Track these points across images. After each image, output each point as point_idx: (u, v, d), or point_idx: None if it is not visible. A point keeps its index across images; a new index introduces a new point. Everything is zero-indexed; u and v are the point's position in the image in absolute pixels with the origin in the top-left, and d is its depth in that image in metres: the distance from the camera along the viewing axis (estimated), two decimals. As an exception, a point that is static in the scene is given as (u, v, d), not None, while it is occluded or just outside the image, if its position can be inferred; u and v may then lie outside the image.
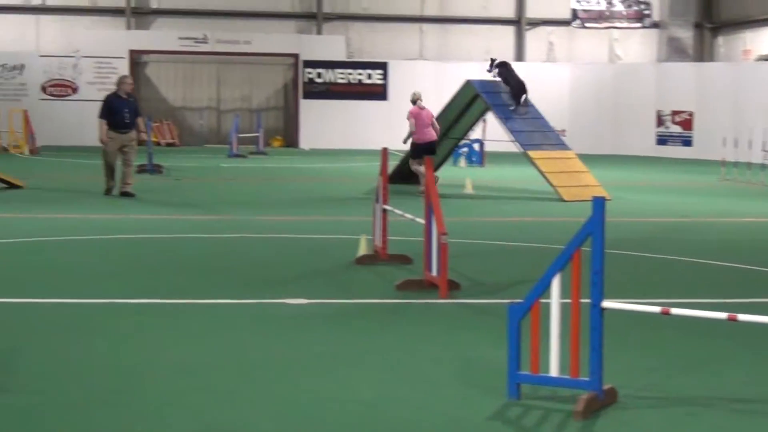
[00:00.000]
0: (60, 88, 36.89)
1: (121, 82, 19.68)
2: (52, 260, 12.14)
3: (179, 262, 12.06)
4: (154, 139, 29.53)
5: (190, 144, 38.26)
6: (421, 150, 19.86)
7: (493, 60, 22.18)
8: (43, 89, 36.81)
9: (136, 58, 38.09)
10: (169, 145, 37.10)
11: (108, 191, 19.17)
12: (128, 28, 38.18)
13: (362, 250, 11.92)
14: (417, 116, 20.40)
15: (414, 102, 20.74)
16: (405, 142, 20.82)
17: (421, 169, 19.02)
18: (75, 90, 36.88)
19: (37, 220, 15.81)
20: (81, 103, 36.54)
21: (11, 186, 20.26)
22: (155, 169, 24.52)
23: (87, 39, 37.32)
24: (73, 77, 36.87)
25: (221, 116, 39.61)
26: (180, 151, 34.84)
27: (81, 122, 36.32)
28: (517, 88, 21.60)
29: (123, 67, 36.76)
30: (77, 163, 28.27)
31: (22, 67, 36.63)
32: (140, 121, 19.70)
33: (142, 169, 24.56)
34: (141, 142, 20.24)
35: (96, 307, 9.42)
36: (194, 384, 6.93)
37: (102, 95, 36.20)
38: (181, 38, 37.50)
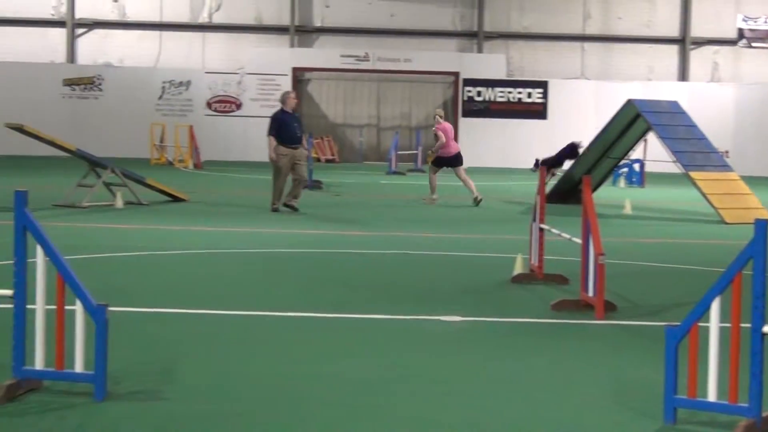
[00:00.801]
0: (224, 104, 37.75)
1: (286, 97, 19.95)
2: (214, 272, 12.43)
3: (337, 277, 12.20)
4: (314, 155, 29.98)
5: (350, 160, 38.70)
6: (444, 161, 22.09)
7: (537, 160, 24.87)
8: (208, 105, 37.72)
9: (299, 75, 38.74)
10: (329, 161, 37.59)
11: (275, 209, 19.43)
12: (292, 45, 38.86)
13: (518, 268, 11.88)
14: (445, 131, 22.02)
15: (441, 118, 22.52)
16: (434, 152, 22.42)
17: (435, 179, 22.17)
18: (239, 106, 37.69)
19: (200, 233, 16.21)
20: (244, 119, 37.36)
21: (176, 199, 20.82)
22: (315, 185, 24.87)
23: (251, 56, 38.11)
24: (237, 93, 37.70)
25: (381, 133, 39.96)
26: (339, 167, 35.26)
27: (244, 137, 37.15)
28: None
29: (286, 84, 37.47)
30: (240, 177, 28.87)
31: (188, 83, 37.62)
32: (303, 137, 20.02)
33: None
34: None
35: (257, 319, 9.61)
36: (346, 398, 7.00)
37: (265, 111, 37.21)
38: (342, 56, 38.00)
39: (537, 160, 24.46)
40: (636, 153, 26.77)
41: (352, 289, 11.40)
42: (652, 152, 28.76)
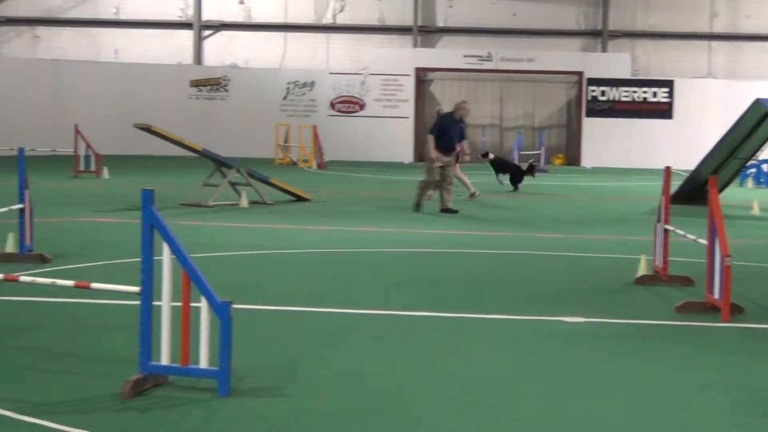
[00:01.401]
0: (347, 105, 37.98)
1: (460, 107, 19.98)
2: (337, 271, 12.52)
3: (461, 277, 12.20)
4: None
5: (472, 161, 38.57)
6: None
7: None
8: (332, 105, 38.00)
9: (422, 76, 38.78)
10: (451, 161, 37.52)
11: (418, 207, 19.39)
12: (415, 45, 38.93)
13: (642, 270, 11.73)
14: None
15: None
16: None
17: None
18: (362, 106, 37.89)
19: (323, 232, 16.34)
20: (367, 120, 37.53)
21: (300, 199, 21.03)
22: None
23: (375, 57, 38.27)
24: (361, 94, 37.89)
25: (503, 133, 39.79)
26: (462, 167, 35.15)
27: (367, 138, 37.31)
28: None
29: (409, 85, 37.54)
30: (363, 177, 29.03)
31: (312, 84, 37.95)
32: (465, 144, 19.93)
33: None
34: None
35: (381, 318, 9.66)
36: (466, 398, 7.00)
37: (388, 112, 37.40)
38: (465, 56, 37.93)
39: (487, 153, 24.37)
40: (764, 153, 26.17)
41: (474, 288, 11.39)
42: (781, 152, 28.09)
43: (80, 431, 6.05)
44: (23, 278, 7.82)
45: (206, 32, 39.52)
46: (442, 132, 19.34)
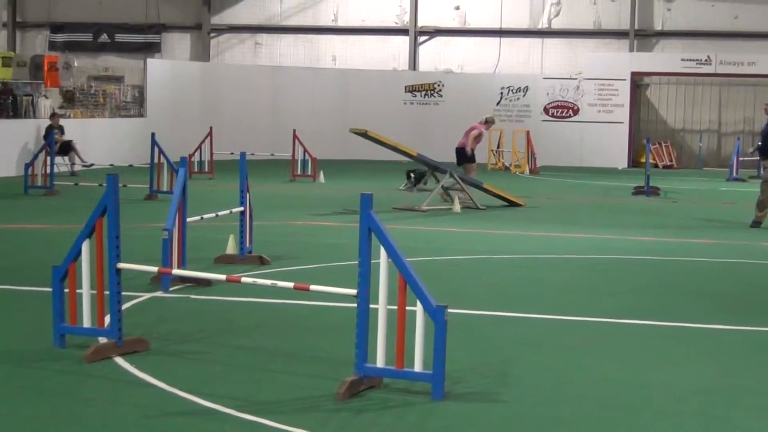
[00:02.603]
0: (561, 110, 37.66)
1: None
2: (548, 277, 12.45)
3: (672, 285, 11.96)
4: (652, 161, 29.45)
5: (688, 166, 37.74)
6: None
7: None
8: (545, 110, 37.76)
9: (638, 80, 38.13)
10: (666, 167, 36.81)
11: (757, 224, 18.24)
12: (631, 50, 38.31)
13: None
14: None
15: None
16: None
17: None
18: (576, 111, 37.51)
19: (536, 238, 16.25)
20: (581, 125, 37.13)
21: (513, 204, 20.98)
22: (652, 192, 24.41)
23: (590, 61, 37.85)
24: (575, 99, 37.53)
25: (722, 139, 38.74)
26: (677, 173, 34.47)
27: (581, 143, 36.92)
28: None
29: (624, 90, 36.97)
30: (577, 183, 28.75)
31: (526, 89, 37.79)
32: None
33: (638, 191, 24.59)
34: None
35: (590, 325, 9.57)
36: (680, 407, 6.86)
37: (602, 117, 36.91)
38: (683, 60, 37.08)
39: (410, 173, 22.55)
40: None
41: (690, 297, 11.16)
42: None
43: (297, 430, 6.20)
44: (244, 279, 8.06)
45: (422, 38, 39.87)
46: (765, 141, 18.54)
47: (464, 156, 21.66)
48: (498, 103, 37.72)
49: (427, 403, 6.77)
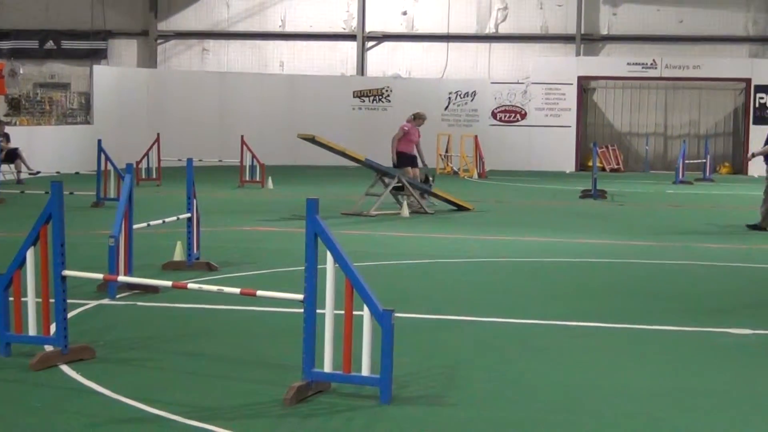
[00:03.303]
0: (509, 114, 37.86)
1: None
2: (495, 281, 12.51)
3: (621, 287, 12.05)
4: (599, 164, 29.66)
5: (635, 169, 38.06)
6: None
7: None
8: (493, 115, 37.93)
9: (584, 84, 38.41)
10: (613, 170, 37.10)
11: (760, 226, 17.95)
12: (578, 54, 38.58)
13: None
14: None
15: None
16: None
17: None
18: (523, 116, 37.71)
19: (484, 242, 16.32)
20: (529, 129, 37.34)
21: (461, 209, 21.06)
22: (599, 195, 24.60)
23: (537, 65, 38.07)
24: (522, 103, 37.73)
25: (668, 142, 39.11)
26: (625, 176, 34.75)
27: (529, 147, 37.13)
28: None
29: (571, 94, 37.22)
30: (525, 187, 28.90)
31: (474, 93, 37.95)
32: None
33: (586, 194, 24.75)
34: None
35: (538, 328, 9.61)
36: (630, 409, 6.91)
37: (550, 121, 37.16)
38: (629, 64, 37.40)
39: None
40: None
41: (635, 299, 11.23)
42: None
43: (245, 435, 6.19)
44: (191, 285, 8.02)
45: (370, 43, 39.93)
46: None
47: (398, 161, 21.10)
48: (446, 108, 37.86)
49: (375, 407, 6.78)
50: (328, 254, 6.89)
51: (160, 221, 12.80)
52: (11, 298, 7.92)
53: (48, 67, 40.40)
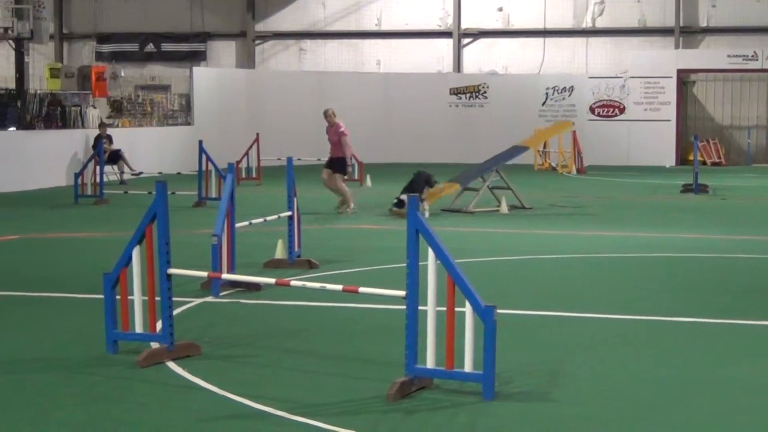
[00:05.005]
0: (607, 109, 37.49)
1: None
2: (596, 276, 12.41)
3: (724, 282, 11.88)
4: (700, 158, 29.23)
5: (737, 163, 37.43)
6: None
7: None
8: (591, 110, 37.59)
9: (684, 78, 37.87)
10: (715, 164, 36.54)
11: None
12: (677, 47, 38.06)
13: None
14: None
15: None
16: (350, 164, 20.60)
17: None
18: (622, 110, 37.32)
19: (583, 237, 16.17)
20: (627, 123, 36.95)
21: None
22: (700, 189, 24.23)
23: (635, 59, 37.64)
24: (621, 97, 37.34)
25: (771, 134, 38.42)
26: (726, 170, 34.20)
27: (628, 142, 36.74)
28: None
29: (670, 87, 36.74)
30: (624, 182, 28.59)
31: (571, 88, 37.65)
32: None
33: (687, 189, 24.42)
34: None
35: (640, 324, 9.53)
36: (737, 405, 6.81)
37: (649, 115, 36.72)
38: (729, 56, 36.79)
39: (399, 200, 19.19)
40: None
41: (739, 294, 11.07)
42: None
43: (348, 431, 6.22)
44: (294, 283, 8.10)
45: (465, 40, 39.85)
46: None
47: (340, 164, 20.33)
48: (543, 104, 37.63)
49: (478, 404, 6.77)
50: (430, 251, 6.91)
51: (261, 220, 12.92)
52: (118, 297, 8.07)
53: (148, 70, 41.02)
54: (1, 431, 6.29)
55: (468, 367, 6.90)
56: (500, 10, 39.44)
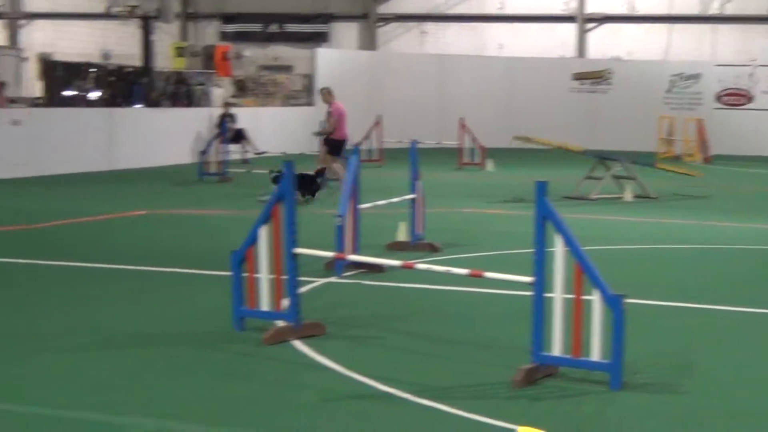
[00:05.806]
0: (734, 98, 36.72)
1: None
2: (724, 268, 12.18)
3: None
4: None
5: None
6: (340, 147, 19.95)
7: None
8: (718, 98, 36.86)
9: (815, 66, 36.90)
10: None
11: None
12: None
13: None
14: (341, 112, 20.29)
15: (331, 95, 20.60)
16: (322, 134, 20.58)
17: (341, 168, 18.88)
18: (750, 99, 36.52)
19: (708, 227, 15.88)
20: (756, 113, 36.14)
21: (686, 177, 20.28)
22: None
23: (764, 48, 36.77)
24: (749, 86, 36.54)
25: None
26: None
27: (756, 132, 35.94)
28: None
29: (800, 76, 35.87)
30: (752, 173, 28.01)
31: (698, 76, 36.96)
32: None
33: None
34: None
35: (765, 318, 9.35)
36: None
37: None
38: None
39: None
40: None
41: None
42: None
43: (474, 416, 6.20)
44: (419, 266, 8.09)
45: (589, 25, 39.39)
46: None
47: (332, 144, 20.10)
48: (668, 91, 37.02)
49: (605, 393, 6.69)
50: (557, 237, 6.83)
51: (385, 202, 12.94)
52: (245, 274, 8.16)
53: (271, 50, 41.39)
54: (131, 408, 6.39)
55: (595, 356, 6.82)
56: (626, -6, 38.90)
